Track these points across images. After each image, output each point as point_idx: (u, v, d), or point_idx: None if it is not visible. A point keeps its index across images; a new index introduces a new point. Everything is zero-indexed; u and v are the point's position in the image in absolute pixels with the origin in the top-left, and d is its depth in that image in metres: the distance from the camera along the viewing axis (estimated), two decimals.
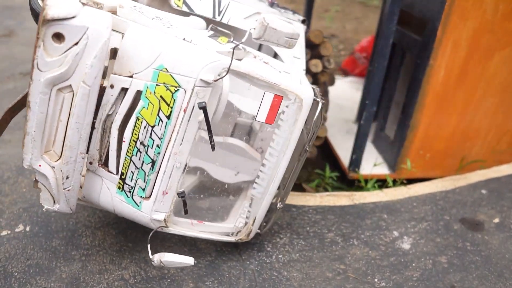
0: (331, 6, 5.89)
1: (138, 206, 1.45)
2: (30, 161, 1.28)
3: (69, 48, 1.15)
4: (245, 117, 1.94)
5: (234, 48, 1.30)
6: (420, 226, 1.99)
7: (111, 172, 1.43)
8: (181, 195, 1.43)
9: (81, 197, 1.50)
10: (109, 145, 1.40)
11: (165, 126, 1.34)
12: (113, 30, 1.27)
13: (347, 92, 3.54)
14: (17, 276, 1.57)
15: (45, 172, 1.30)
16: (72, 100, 1.23)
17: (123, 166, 1.40)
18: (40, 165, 1.29)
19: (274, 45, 1.31)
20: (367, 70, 3.05)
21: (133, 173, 1.41)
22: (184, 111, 1.32)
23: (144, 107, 1.33)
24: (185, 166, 1.43)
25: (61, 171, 1.31)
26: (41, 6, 1.10)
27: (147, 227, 1.50)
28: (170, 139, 1.36)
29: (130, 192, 1.44)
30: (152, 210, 1.45)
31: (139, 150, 1.38)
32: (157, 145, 1.36)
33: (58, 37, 1.14)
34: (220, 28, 1.49)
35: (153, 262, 1.42)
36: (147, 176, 1.41)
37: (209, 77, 1.29)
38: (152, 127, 1.35)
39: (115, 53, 1.42)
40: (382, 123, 2.74)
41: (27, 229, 1.79)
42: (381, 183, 2.43)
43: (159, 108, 1.32)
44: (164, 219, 1.48)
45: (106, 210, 1.53)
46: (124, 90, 1.33)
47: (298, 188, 2.44)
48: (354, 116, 3.17)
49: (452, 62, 2.24)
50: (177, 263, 1.42)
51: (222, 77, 1.30)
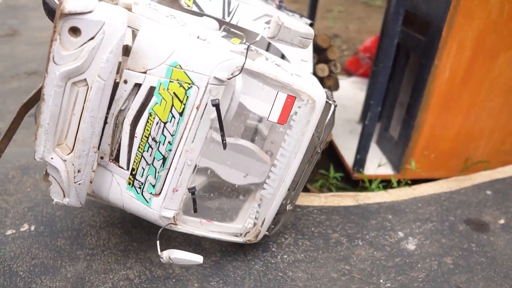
0: (334, 6, 5.89)
1: (148, 203, 1.45)
2: (43, 154, 1.28)
3: (85, 42, 1.16)
4: (251, 119, 1.93)
5: (248, 48, 1.30)
6: (425, 227, 1.99)
7: (122, 168, 1.43)
8: (192, 191, 1.43)
9: (91, 192, 1.50)
10: (121, 140, 1.40)
11: (178, 123, 1.34)
12: (128, 26, 1.27)
13: (351, 92, 3.53)
14: (22, 276, 1.57)
15: (57, 165, 1.30)
16: (87, 94, 1.24)
17: (134, 162, 1.40)
18: (52, 158, 1.29)
19: (288, 45, 1.31)
20: (371, 70, 3.04)
21: (144, 169, 1.41)
22: (197, 109, 1.32)
23: (157, 103, 1.33)
24: (196, 164, 1.43)
25: (73, 165, 1.31)
26: (58, 1, 1.11)
27: (152, 227, 1.49)
28: (182, 136, 1.36)
29: (140, 188, 1.43)
30: (162, 207, 1.45)
31: (151, 146, 1.37)
32: (169, 142, 1.36)
33: (75, 31, 1.14)
34: (233, 29, 1.49)
35: (162, 259, 1.41)
36: (158, 173, 1.41)
37: (223, 75, 1.29)
38: (165, 124, 1.35)
39: (127, 50, 1.42)
40: (386, 123, 2.73)
41: (32, 229, 1.79)
42: (386, 184, 2.43)
43: (172, 105, 1.32)
44: (173, 217, 1.48)
45: (115, 206, 1.53)
46: (138, 86, 1.33)
47: (302, 189, 2.43)
48: (358, 116, 3.17)
49: (457, 63, 2.24)
50: (186, 260, 1.42)
51: (236, 75, 1.30)
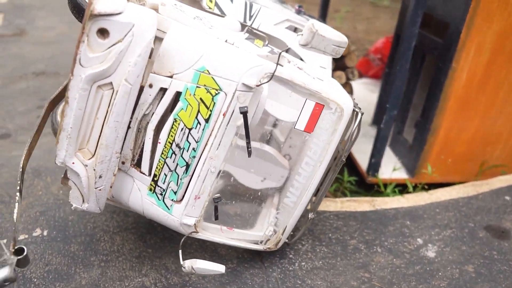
0: (341, 7, 5.84)
1: (169, 210, 1.41)
2: (64, 158, 1.24)
3: (113, 45, 1.12)
4: (267, 124, 1.90)
5: (280, 55, 1.26)
6: (445, 234, 1.95)
7: (144, 173, 1.39)
8: (217, 201, 1.39)
9: (110, 197, 1.46)
10: (144, 146, 1.36)
11: (203, 130, 1.30)
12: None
13: (361, 94, 3.49)
14: (36, 282, 1.53)
15: (78, 170, 1.26)
16: (111, 98, 1.19)
17: (157, 168, 1.37)
18: (74, 163, 1.25)
19: (321, 53, 1.27)
20: (385, 73, 3.00)
21: (166, 175, 1.37)
22: (224, 115, 1.28)
23: (183, 109, 1.29)
24: (219, 171, 1.39)
25: (94, 170, 1.28)
26: (87, 1, 1.07)
27: (167, 233, 1.46)
28: (207, 143, 1.32)
29: (162, 195, 1.40)
30: (183, 214, 1.41)
31: (174, 153, 1.34)
32: (193, 148, 1.33)
33: (103, 33, 1.10)
34: (255, 31, 1.45)
35: (184, 268, 1.38)
36: (180, 179, 1.37)
37: (252, 82, 1.25)
38: (190, 130, 1.31)
39: (150, 53, 1.38)
40: (400, 126, 2.69)
41: (45, 234, 1.75)
42: (401, 188, 2.39)
43: (198, 111, 1.28)
44: (195, 224, 1.44)
45: (135, 212, 1.49)
46: (163, 90, 1.29)
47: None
48: (370, 119, 3.13)
49: (475, 65, 2.20)
50: (209, 271, 1.38)
51: (265, 82, 1.26)
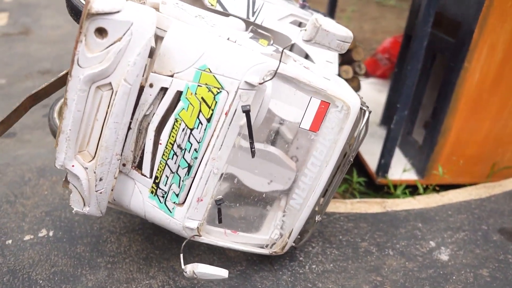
0: (348, 6, 5.79)
1: (171, 213, 1.38)
2: (63, 161, 1.22)
3: (112, 44, 1.09)
4: (274, 122, 1.86)
5: (282, 52, 1.23)
6: (457, 236, 1.90)
7: (145, 175, 1.36)
8: (219, 203, 1.36)
9: (111, 200, 1.43)
10: (145, 147, 1.33)
11: (205, 130, 1.27)
12: (156, 27, 1.20)
13: (369, 94, 3.44)
14: (42, 284, 1.51)
15: (78, 173, 1.24)
16: (111, 99, 1.17)
17: (158, 170, 1.33)
18: (73, 166, 1.23)
19: (325, 48, 1.23)
20: (394, 73, 2.96)
21: (168, 178, 1.33)
22: (226, 115, 1.25)
23: (184, 109, 1.26)
24: (222, 173, 1.36)
25: (94, 173, 1.25)
26: (84, 0, 1.04)
27: (174, 234, 1.43)
28: (209, 144, 1.29)
29: (163, 197, 1.36)
30: (185, 217, 1.37)
31: (176, 154, 1.30)
32: (195, 149, 1.29)
33: (101, 32, 1.07)
34: (260, 30, 1.42)
35: (185, 273, 1.34)
36: (182, 181, 1.33)
37: (254, 80, 1.22)
38: (191, 130, 1.27)
39: (150, 52, 1.35)
40: (410, 127, 2.65)
41: (50, 234, 1.73)
42: (411, 189, 2.35)
43: (200, 110, 1.25)
44: (197, 227, 1.40)
45: (136, 215, 1.46)
46: (164, 90, 1.26)
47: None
48: (378, 119, 3.08)
49: (488, 66, 2.15)
50: (211, 275, 1.34)
51: (268, 80, 1.22)
